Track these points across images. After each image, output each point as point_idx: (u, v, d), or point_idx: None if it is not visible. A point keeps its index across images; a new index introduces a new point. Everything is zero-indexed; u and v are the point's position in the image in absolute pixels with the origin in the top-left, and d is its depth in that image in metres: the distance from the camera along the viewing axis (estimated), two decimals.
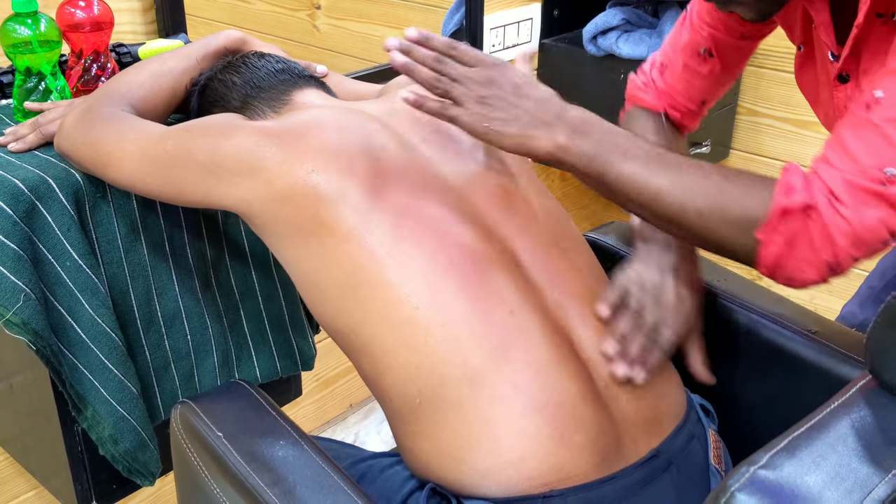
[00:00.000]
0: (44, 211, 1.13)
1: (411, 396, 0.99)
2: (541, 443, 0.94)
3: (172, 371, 1.31)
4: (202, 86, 1.28)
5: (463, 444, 0.96)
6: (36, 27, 1.22)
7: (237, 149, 1.07)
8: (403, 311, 0.99)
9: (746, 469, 0.68)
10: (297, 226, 1.05)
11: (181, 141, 1.11)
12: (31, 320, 1.10)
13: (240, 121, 1.13)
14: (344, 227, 1.02)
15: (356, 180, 1.03)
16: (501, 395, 0.95)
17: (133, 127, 1.15)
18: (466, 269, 1.01)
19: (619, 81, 2.25)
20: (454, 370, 0.97)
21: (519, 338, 0.98)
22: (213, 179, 1.09)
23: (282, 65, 1.27)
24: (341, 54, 2.50)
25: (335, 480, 0.87)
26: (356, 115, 1.13)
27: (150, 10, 1.55)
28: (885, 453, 0.69)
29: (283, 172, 1.04)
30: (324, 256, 1.04)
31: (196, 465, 0.93)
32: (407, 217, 1.03)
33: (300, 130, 1.09)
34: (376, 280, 1.00)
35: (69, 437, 1.24)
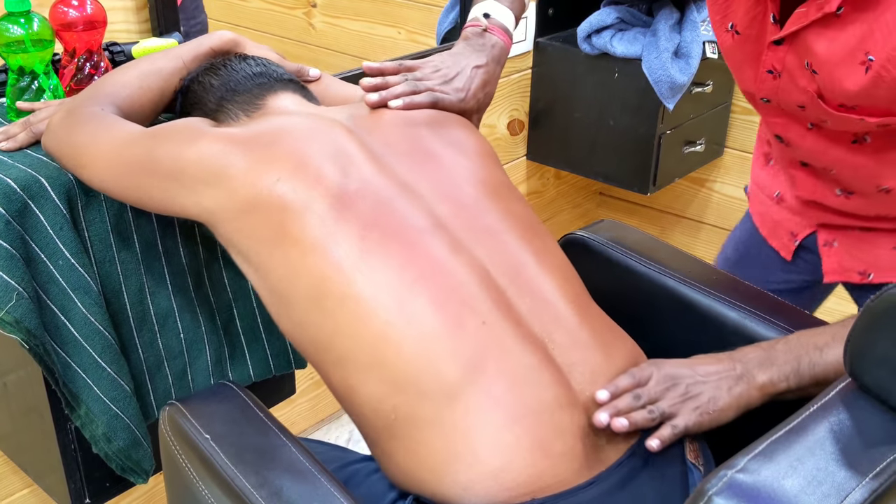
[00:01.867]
0: (36, 210, 1.13)
1: (386, 412, 0.98)
2: (520, 453, 0.93)
3: (166, 370, 1.31)
4: (184, 87, 1.28)
5: (442, 458, 0.94)
6: (29, 26, 1.23)
7: (200, 156, 1.06)
8: (374, 326, 0.98)
9: (724, 473, 0.68)
10: (261, 236, 1.04)
11: (147, 147, 1.10)
12: (24, 319, 1.11)
13: (206, 126, 1.12)
14: (309, 238, 1.01)
15: (322, 190, 1.02)
16: (478, 407, 0.94)
17: (108, 129, 1.14)
18: (436, 282, 1.00)
19: (613, 80, 2.25)
20: (430, 385, 0.95)
21: (493, 348, 0.97)
22: (177, 187, 1.08)
23: (260, 68, 1.27)
24: (338, 52, 2.50)
25: (322, 483, 0.87)
26: (325, 123, 1.12)
27: (143, 8, 1.55)
28: (863, 457, 0.70)
29: (247, 182, 1.03)
30: (289, 268, 1.02)
31: (184, 466, 0.94)
32: (374, 228, 1.02)
33: (267, 138, 1.08)
34: (344, 293, 0.99)
35: (62, 436, 1.24)
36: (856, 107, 1.14)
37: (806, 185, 1.39)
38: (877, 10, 1.05)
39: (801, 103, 1.22)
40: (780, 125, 1.31)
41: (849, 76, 1.11)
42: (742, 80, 1.31)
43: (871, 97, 1.11)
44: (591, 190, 2.87)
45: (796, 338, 1.06)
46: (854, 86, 1.11)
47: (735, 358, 1.06)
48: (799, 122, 1.27)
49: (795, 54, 1.18)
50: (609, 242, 1.31)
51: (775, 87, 1.24)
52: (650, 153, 2.26)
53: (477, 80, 1.26)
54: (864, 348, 0.75)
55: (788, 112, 1.27)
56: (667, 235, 2.83)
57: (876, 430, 0.74)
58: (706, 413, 1.03)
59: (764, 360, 1.05)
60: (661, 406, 1.03)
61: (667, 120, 2.25)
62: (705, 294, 1.21)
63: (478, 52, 1.28)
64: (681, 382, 1.05)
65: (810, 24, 1.12)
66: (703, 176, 2.67)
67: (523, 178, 2.57)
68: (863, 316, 0.75)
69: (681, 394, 1.04)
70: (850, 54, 1.09)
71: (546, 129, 2.47)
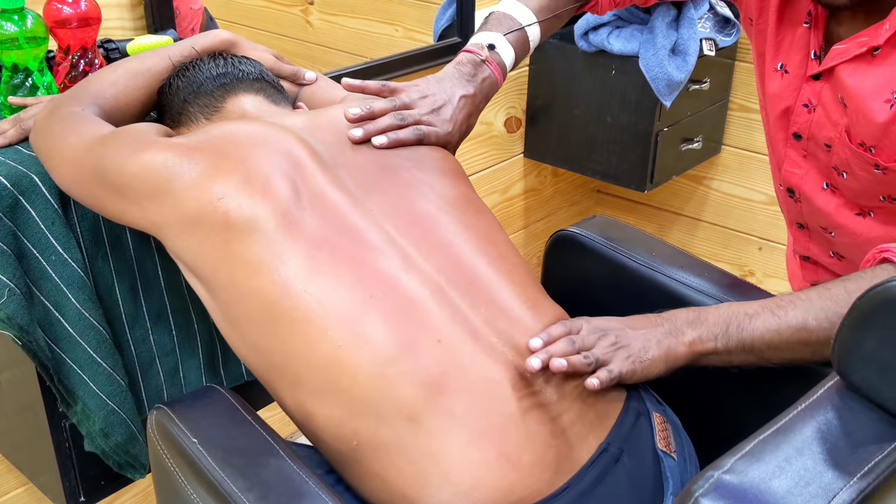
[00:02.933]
0: (27, 206, 1.13)
1: (347, 438, 0.95)
2: (489, 469, 0.91)
3: (157, 367, 1.31)
4: (159, 89, 1.27)
5: (412, 482, 0.93)
6: (22, 23, 1.22)
7: (144, 169, 1.03)
8: (326, 350, 0.95)
9: (711, 474, 0.68)
10: (206, 255, 1.01)
11: (97, 156, 1.07)
12: (16, 315, 1.10)
13: (153, 135, 1.09)
14: (255, 258, 0.98)
15: (270, 206, 0.99)
16: (442, 427, 0.92)
17: (77, 131, 1.11)
18: (388, 301, 0.97)
19: (610, 77, 2.25)
20: (389, 408, 0.93)
21: (450, 366, 0.95)
22: (123, 200, 1.06)
23: (225, 68, 1.24)
24: (335, 50, 2.49)
25: (310, 486, 0.87)
26: (277, 131, 1.09)
27: (138, 5, 1.54)
28: (850, 458, 0.70)
29: (191, 196, 1.00)
30: (236, 289, 0.99)
31: (173, 471, 0.93)
32: (323, 247, 0.99)
33: (215, 148, 1.05)
34: (293, 317, 0.96)
35: (56, 433, 1.24)
36: (874, 147, 1.19)
37: (800, 240, 1.45)
38: None
39: (829, 141, 1.26)
40: (799, 176, 1.34)
41: (875, 111, 1.16)
42: (777, 118, 1.34)
43: (888, 133, 1.16)
44: (589, 187, 2.87)
45: (727, 305, 1.07)
46: (879, 118, 1.16)
47: (665, 317, 1.08)
48: (819, 172, 1.31)
49: (831, 88, 1.22)
50: (600, 239, 1.30)
51: (809, 122, 1.28)
52: (647, 150, 2.26)
53: (464, 110, 1.22)
54: (851, 346, 0.75)
55: (813, 155, 1.31)
56: (664, 233, 2.83)
57: (864, 429, 0.73)
58: (638, 361, 1.03)
59: (693, 319, 1.06)
60: (595, 353, 1.03)
61: (664, 117, 2.24)
62: (697, 290, 1.21)
63: (468, 81, 1.24)
64: (610, 333, 1.06)
65: (847, 60, 1.18)
66: (700, 173, 2.67)
67: (520, 176, 2.57)
68: (850, 314, 0.75)
69: (612, 343, 1.05)
70: (879, 90, 1.15)
71: (543, 126, 2.47)
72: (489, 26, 1.31)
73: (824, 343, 1.02)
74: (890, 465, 0.70)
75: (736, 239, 2.70)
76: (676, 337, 1.05)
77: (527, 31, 1.31)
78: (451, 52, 2.13)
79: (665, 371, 1.05)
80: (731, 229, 2.70)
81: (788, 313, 1.04)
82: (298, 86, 1.36)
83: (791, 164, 1.36)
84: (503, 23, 1.31)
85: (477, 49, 1.26)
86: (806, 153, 1.33)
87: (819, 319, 1.02)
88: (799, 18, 1.28)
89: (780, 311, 1.04)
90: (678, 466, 1.03)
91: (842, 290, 1.03)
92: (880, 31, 1.15)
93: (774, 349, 1.04)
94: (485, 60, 1.25)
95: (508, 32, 1.29)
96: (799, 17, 1.28)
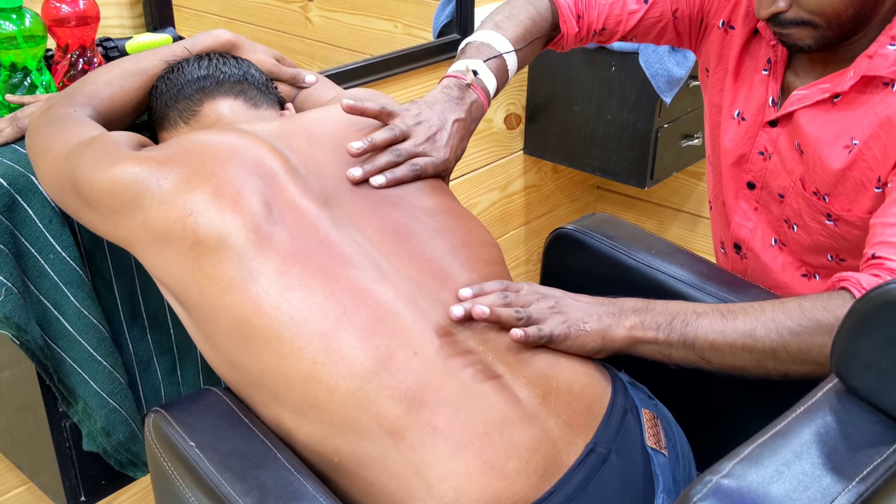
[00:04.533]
0: (24, 204, 1.13)
1: (328, 455, 0.95)
2: (473, 479, 0.90)
3: (155, 365, 1.31)
4: (150, 91, 1.26)
5: (397, 497, 0.92)
6: (21, 22, 1.22)
7: (113, 184, 1.02)
8: (301, 367, 0.94)
9: (709, 479, 0.67)
10: (177, 272, 1.00)
11: (73, 166, 1.06)
12: (13, 314, 1.11)
13: (125, 148, 1.06)
14: (226, 276, 0.97)
15: (240, 221, 0.98)
16: (423, 441, 0.91)
17: (61, 137, 1.10)
18: (361, 316, 0.96)
19: (610, 75, 2.25)
20: (368, 424, 0.92)
21: (427, 379, 0.94)
22: (96, 215, 1.05)
23: (207, 70, 1.22)
24: (334, 46, 2.50)
25: (307, 489, 0.86)
26: (249, 141, 1.07)
27: (137, 3, 1.54)
28: (849, 461, 0.70)
29: (161, 214, 0.99)
30: (208, 308, 0.98)
31: (171, 474, 0.93)
32: (294, 262, 0.97)
33: (186, 160, 1.03)
34: (266, 334, 0.95)
35: (57, 433, 1.24)
36: (828, 196, 1.22)
37: None
38: (871, 100, 1.16)
39: (782, 190, 1.29)
40: (748, 230, 1.37)
41: (833, 156, 1.19)
42: (730, 167, 1.37)
43: (844, 181, 1.19)
44: (589, 184, 2.87)
45: (679, 302, 1.09)
46: (835, 165, 1.19)
47: (613, 301, 1.09)
48: (769, 226, 1.35)
49: (788, 135, 1.26)
50: (598, 236, 1.30)
51: (764, 170, 1.31)
52: (648, 147, 2.26)
53: (457, 134, 1.22)
54: (850, 350, 0.75)
55: (766, 206, 1.34)
56: (664, 229, 2.83)
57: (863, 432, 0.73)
58: (573, 327, 1.04)
59: (641, 307, 1.07)
60: (529, 311, 1.03)
61: (664, 114, 2.24)
62: (695, 287, 1.21)
63: (457, 105, 1.24)
64: (551, 298, 1.07)
65: (807, 106, 1.22)
66: (700, 170, 2.67)
67: (520, 173, 2.57)
68: (849, 317, 0.75)
69: (550, 306, 1.06)
70: (838, 137, 1.19)
71: (543, 123, 2.46)
72: (468, 54, 1.31)
73: (769, 353, 1.03)
74: (889, 469, 0.70)
75: None
76: (618, 318, 1.06)
77: (505, 58, 1.32)
78: (451, 49, 2.13)
79: (600, 348, 1.05)
80: None
81: (738, 318, 1.04)
82: (298, 88, 1.35)
83: (742, 216, 1.38)
84: (482, 51, 1.31)
85: (461, 74, 1.27)
86: (758, 204, 1.35)
87: (768, 330, 1.03)
88: (758, 66, 1.31)
89: (729, 315, 1.05)
90: (669, 462, 1.02)
91: (796, 305, 1.04)
92: (844, 79, 1.18)
93: (716, 351, 1.04)
94: (470, 85, 1.26)
95: (488, 59, 1.29)
96: (758, 65, 1.31)
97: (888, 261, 1.05)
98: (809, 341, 1.02)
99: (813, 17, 1.15)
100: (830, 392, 0.77)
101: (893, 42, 1.15)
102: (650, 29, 1.41)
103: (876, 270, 1.05)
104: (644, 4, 1.38)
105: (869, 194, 1.18)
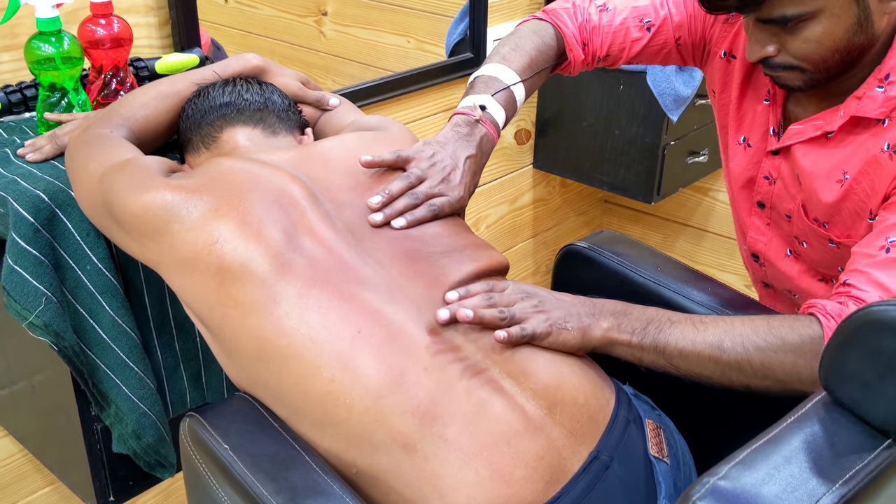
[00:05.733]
0: (64, 218, 1.19)
1: (346, 466, 1.00)
2: (483, 487, 0.96)
3: (181, 371, 1.36)
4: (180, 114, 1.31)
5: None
6: (59, 45, 1.28)
7: (145, 209, 1.07)
8: (319, 385, 0.99)
9: (707, 480, 0.74)
10: (202, 294, 1.05)
11: (106, 189, 1.11)
12: (53, 322, 1.16)
13: (156, 175, 1.12)
14: (249, 300, 1.02)
15: (262, 249, 1.03)
16: (435, 452, 0.97)
17: (97, 158, 1.15)
18: (375, 336, 1.01)
19: (619, 92, 2.29)
20: (383, 438, 0.97)
21: (438, 393, 0.99)
22: (126, 236, 1.11)
23: (229, 97, 1.28)
24: (347, 60, 2.52)
25: (334, 489, 0.92)
26: (269, 171, 1.12)
27: (165, 24, 1.60)
28: (833, 466, 0.76)
29: (188, 240, 1.05)
30: (231, 328, 1.04)
31: (205, 475, 0.98)
32: (313, 286, 1.03)
33: (213, 190, 1.08)
34: (286, 354, 1.00)
35: (89, 435, 1.29)
36: (826, 223, 1.27)
37: (766, 299, 1.54)
38: (861, 137, 1.20)
39: (788, 212, 1.35)
40: (763, 243, 1.43)
41: (826, 189, 1.24)
42: (740, 189, 1.42)
43: (839, 211, 1.25)
44: (597, 198, 2.90)
45: (656, 309, 1.14)
46: (829, 198, 1.24)
47: (594, 301, 1.14)
48: (782, 240, 1.39)
49: (788, 165, 1.31)
50: (607, 253, 1.34)
51: (770, 193, 1.36)
52: (655, 163, 2.30)
53: (470, 171, 1.26)
54: (836, 365, 0.82)
55: (776, 223, 1.39)
56: (670, 243, 2.86)
57: (847, 440, 0.80)
58: (555, 326, 1.09)
59: (619, 310, 1.13)
60: (513, 310, 1.08)
61: (671, 131, 2.28)
62: (700, 304, 1.25)
63: (468, 142, 1.27)
64: (535, 297, 1.12)
65: (802, 141, 1.27)
66: (706, 185, 2.71)
67: (529, 187, 2.61)
68: (835, 335, 0.82)
69: (533, 305, 1.10)
70: (831, 172, 1.24)
71: (552, 138, 2.50)
72: (477, 89, 1.34)
73: (733, 366, 1.08)
74: (869, 474, 0.77)
75: None
76: (597, 319, 1.11)
77: (513, 90, 1.35)
78: (463, 67, 2.17)
79: (580, 346, 1.10)
80: (736, 240, 2.72)
81: (708, 329, 1.10)
82: (322, 110, 1.40)
83: (756, 231, 1.43)
84: (490, 84, 1.34)
85: (469, 111, 1.30)
86: (770, 221, 1.40)
87: (734, 343, 1.09)
88: (760, 95, 1.35)
89: (700, 326, 1.11)
90: (671, 470, 1.07)
91: (764, 323, 1.10)
92: (834, 117, 1.23)
93: (685, 358, 1.09)
94: (478, 120, 1.29)
95: (496, 93, 1.33)
96: (760, 94, 1.35)
97: (854, 288, 1.10)
98: (773, 357, 1.07)
99: (800, 63, 1.19)
100: (818, 403, 0.84)
101: (881, 84, 1.19)
102: (654, 55, 1.45)
103: (842, 298, 1.10)
104: (647, 33, 1.42)
105: (864, 223, 1.23)
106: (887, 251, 1.11)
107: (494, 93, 1.33)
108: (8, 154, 1.27)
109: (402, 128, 1.33)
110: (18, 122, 1.37)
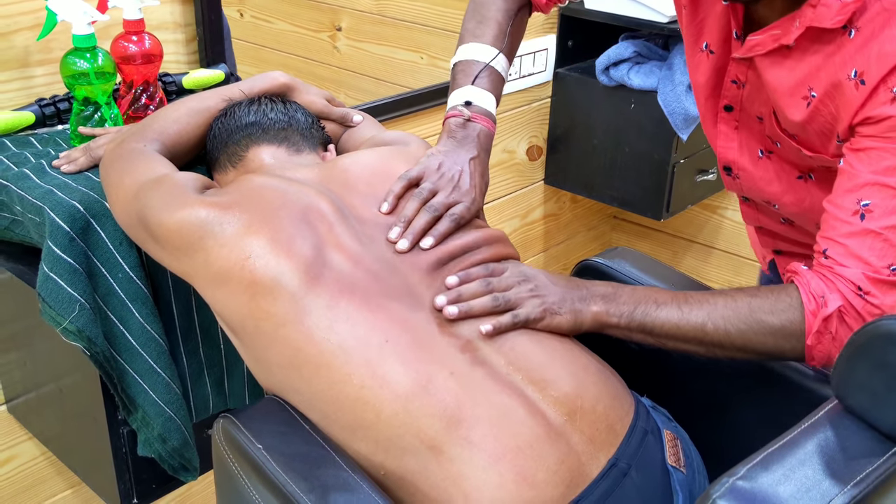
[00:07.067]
0: (98, 228, 1.22)
1: (375, 467, 1.03)
2: (506, 490, 0.98)
3: (205, 377, 1.40)
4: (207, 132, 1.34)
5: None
6: (94, 61, 1.32)
7: (180, 225, 1.11)
8: (349, 391, 1.02)
9: (727, 480, 0.78)
10: (234, 307, 1.09)
11: (142, 205, 1.15)
12: (86, 328, 1.20)
13: (190, 192, 1.15)
14: (280, 312, 1.06)
15: (293, 264, 1.06)
16: (461, 454, 1.00)
17: (132, 173, 1.19)
18: (402, 342, 1.05)
19: (629, 110, 2.32)
20: (411, 441, 1.01)
21: (464, 397, 1.02)
22: (161, 250, 1.15)
23: (255, 117, 1.31)
24: (360, 75, 2.55)
25: (365, 489, 0.96)
26: (297, 188, 1.16)
27: (192, 41, 1.64)
28: (845, 469, 0.80)
29: (221, 255, 1.08)
30: (263, 338, 1.07)
31: (237, 473, 1.01)
32: (341, 297, 1.06)
33: (246, 207, 1.11)
34: (317, 362, 1.04)
35: (115, 439, 1.32)
36: (795, 136, 1.24)
37: (749, 214, 1.51)
38: (827, 49, 1.14)
39: (760, 114, 1.29)
40: (734, 150, 1.36)
41: (792, 107, 1.20)
42: (706, 98, 1.36)
43: (806, 131, 1.21)
44: (606, 214, 2.93)
45: (644, 289, 1.17)
46: (795, 117, 1.20)
47: (586, 285, 1.17)
48: (754, 140, 1.33)
49: (755, 74, 1.25)
50: (622, 269, 1.38)
51: (740, 96, 1.31)
52: (664, 180, 2.33)
53: (477, 171, 1.27)
54: (847, 375, 0.86)
55: (746, 126, 1.33)
56: (678, 259, 2.89)
57: (857, 445, 0.84)
58: (549, 311, 1.13)
59: (608, 294, 1.16)
60: (508, 295, 1.12)
61: (680, 149, 2.31)
62: None
63: (467, 143, 1.28)
64: (532, 281, 1.15)
65: (763, 54, 1.20)
66: (714, 203, 2.73)
67: (540, 202, 2.64)
68: (847, 347, 0.86)
69: (530, 289, 1.14)
70: (796, 87, 1.18)
71: (563, 155, 2.54)
72: (458, 82, 1.34)
73: (716, 344, 1.12)
74: (879, 476, 0.81)
75: (748, 266, 2.75)
76: (587, 304, 1.15)
77: (493, 65, 1.34)
78: None
79: (571, 329, 1.14)
80: (743, 257, 2.76)
81: (693, 311, 1.13)
82: (346, 127, 1.44)
83: (725, 139, 1.37)
84: (468, 71, 1.34)
85: (458, 112, 1.30)
86: (738, 124, 1.34)
87: (717, 325, 1.12)
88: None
89: (685, 307, 1.13)
90: (687, 479, 1.10)
91: (746, 305, 1.12)
92: (791, 28, 1.14)
93: (672, 339, 1.14)
94: (469, 119, 1.30)
95: (475, 79, 1.32)
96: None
97: (838, 265, 1.09)
98: (753, 339, 1.11)
99: None
100: (831, 411, 0.88)
101: None
102: None
103: (827, 275, 1.10)
104: None
105: (833, 143, 1.18)
106: (862, 217, 1.09)
107: (475, 78, 1.33)
108: (43, 165, 1.30)
109: (422, 142, 1.36)
110: (52, 135, 1.42)
